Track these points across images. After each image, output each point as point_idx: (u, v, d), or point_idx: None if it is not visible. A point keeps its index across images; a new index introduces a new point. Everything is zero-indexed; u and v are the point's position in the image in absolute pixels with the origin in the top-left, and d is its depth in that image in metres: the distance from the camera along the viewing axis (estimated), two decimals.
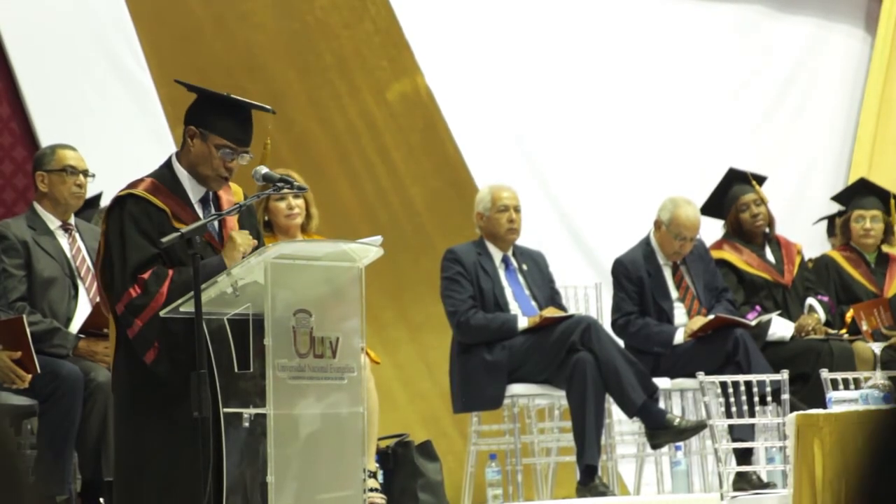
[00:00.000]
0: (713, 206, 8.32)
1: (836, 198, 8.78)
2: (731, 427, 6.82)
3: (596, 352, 7.18)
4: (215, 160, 4.98)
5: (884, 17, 10.57)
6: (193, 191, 5.05)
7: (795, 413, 5.69)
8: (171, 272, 4.88)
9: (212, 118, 5.00)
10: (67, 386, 6.04)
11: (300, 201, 6.85)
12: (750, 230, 8.24)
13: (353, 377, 4.97)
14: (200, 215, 5.02)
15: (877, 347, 6.45)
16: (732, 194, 8.24)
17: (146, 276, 4.87)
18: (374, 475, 6.73)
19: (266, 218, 6.84)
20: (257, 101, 5.15)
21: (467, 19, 9.28)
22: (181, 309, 4.74)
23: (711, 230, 8.31)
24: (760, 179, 8.30)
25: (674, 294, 7.90)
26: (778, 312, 8.06)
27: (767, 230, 8.29)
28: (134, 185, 5.01)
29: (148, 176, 5.06)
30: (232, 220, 5.12)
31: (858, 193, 8.52)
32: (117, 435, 5.05)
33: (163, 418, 4.85)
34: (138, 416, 4.91)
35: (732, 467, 6.76)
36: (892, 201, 8.42)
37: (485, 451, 7.57)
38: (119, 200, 4.99)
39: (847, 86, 10.53)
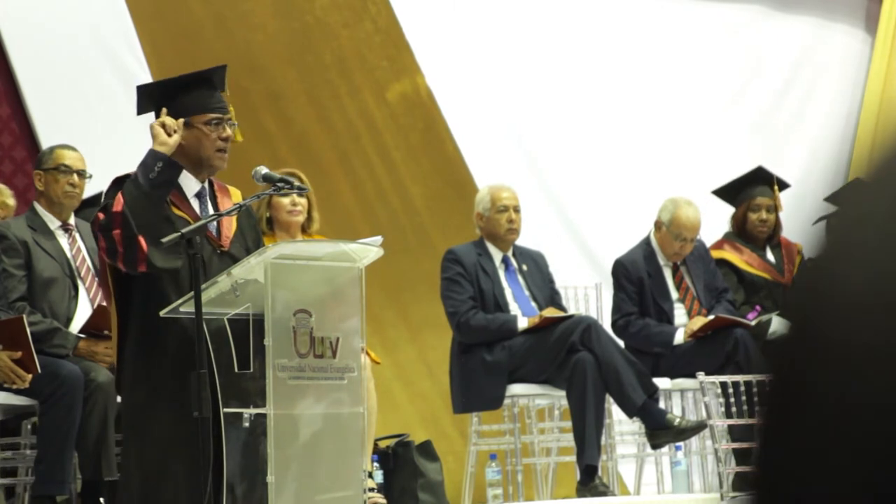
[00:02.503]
0: (727, 193, 8.31)
1: (830, 199, 8.76)
2: (731, 427, 6.82)
3: (596, 352, 7.18)
4: (210, 136, 4.99)
5: (884, 18, 10.57)
6: (188, 185, 5.06)
7: None
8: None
9: (185, 102, 5.01)
10: (67, 386, 6.04)
11: (303, 200, 6.86)
12: (752, 232, 8.24)
13: (353, 377, 4.97)
14: (196, 210, 5.03)
15: None
16: (750, 191, 8.23)
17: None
18: (370, 475, 6.73)
19: (268, 214, 6.84)
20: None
21: (467, 19, 9.28)
22: (181, 309, 4.74)
23: (712, 230, 8.31)
24: (783, 185, 8.29)
25: (674, 295, 7.89)
26: (778, 312, 8.06)
27: (771, 236, 8.29)
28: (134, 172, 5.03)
29: None
30: (230, 221, 5.12)
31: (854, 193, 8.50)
32: (124, 434, 5.05)
33: (161, 418, 4.85)
34: (137, 414, 4.91)
35: (732, 467, 6.76)
36: None
37: (485, 451, 7.57)
38: (118, 181, 5.00)
39: (847, 86, 10.53)
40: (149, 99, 5.09)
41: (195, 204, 5.05)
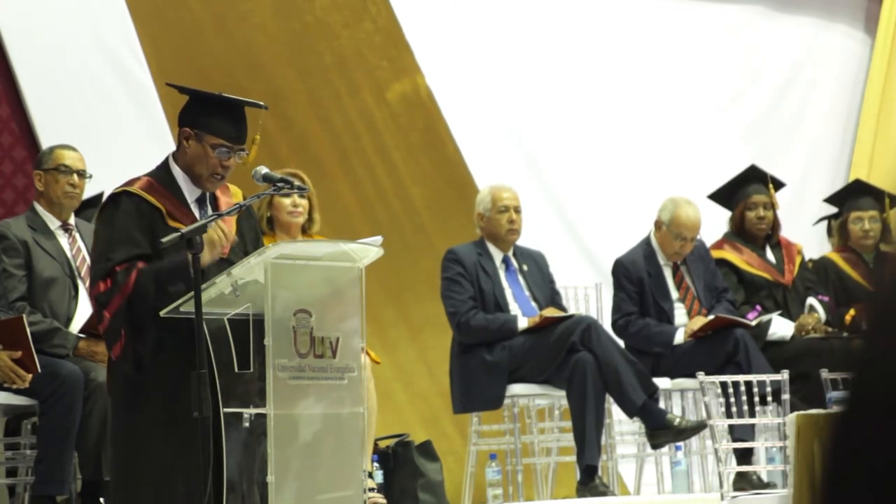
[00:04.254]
0: (723, 196, 8.31)
1: (830, 199, 8.76)
2: (731, 427, 6.82)
3: (596, 352, 7.18)
4: (211, 160, 4.97)
5: (883, 19, 10.57)
6: (190, 191, 5.05)
7: (795, 413, 5.68)
8: (140, 264, 4.86)
9: (205, 118, 4.99)
10: (67, 386, 6.05)
11: (304, 201, 6.86)
12: (751, 231, 8.23)
13: (354, 377, 4.97)
14: (196, 216, 5.01)
15: None
16: (746, 191, 8.23)
17: (119, 268, 4.85)
18: (370, 475, 6.73)
19: (268, 214, 6.84)
20: (257, 101, 5.15)
21: (467, 19, 9.28)
22: (181, 309, 4.74)
23: (712, 230, 8.31)
24: (778, 184, 8.29)
25: (674, 294, 7.90)
26: (778, 312, 8.05)
27: (770, 235, 8.28)
28: (130, 183, 5.01)
29: (145, 175, 5.06)
30: (230, 221, 5.11)
31: (854, 194, 8.51)
32: (114, 435, 5.03)
33: (160, 418, 4.84)
34: (135, 415, 4.90)
35: (732, 467, 6.76)
36: (887, 200, 8.41)
37: (485, 451, 7.57)
38: (114, 197, 4.99)
39: (847, 87, 10.53)
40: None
41: (195, 209, 5.04)
